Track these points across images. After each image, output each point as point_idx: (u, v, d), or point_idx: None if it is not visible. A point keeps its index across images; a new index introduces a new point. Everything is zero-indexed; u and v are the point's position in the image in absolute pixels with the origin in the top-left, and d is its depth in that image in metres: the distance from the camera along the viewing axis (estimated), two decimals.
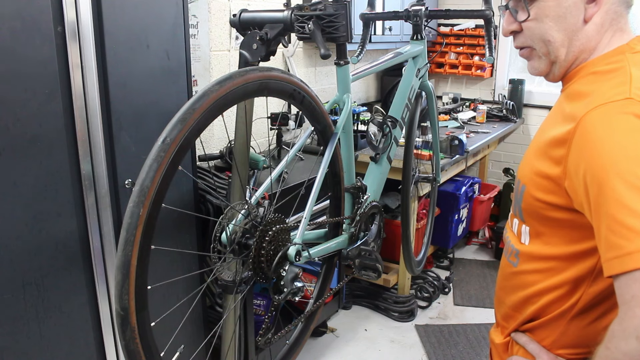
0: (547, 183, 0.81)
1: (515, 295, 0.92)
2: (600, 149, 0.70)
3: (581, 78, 0.84)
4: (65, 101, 1.26)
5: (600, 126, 0.71)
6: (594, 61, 0.84)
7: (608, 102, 0.73)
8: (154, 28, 1.44)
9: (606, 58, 0.82)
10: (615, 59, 0.81)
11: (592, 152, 0.71)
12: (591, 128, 0.72)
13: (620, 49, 0.82)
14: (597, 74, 0.81)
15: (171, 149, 0.85)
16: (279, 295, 1.13)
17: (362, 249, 1.48)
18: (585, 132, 0.73)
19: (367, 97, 3.72)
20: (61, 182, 1.28)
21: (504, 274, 0.97)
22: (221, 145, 2.38)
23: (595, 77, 0.81)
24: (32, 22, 1.16)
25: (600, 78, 0.80)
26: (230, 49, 2.41)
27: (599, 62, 0.83)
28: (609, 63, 0.81)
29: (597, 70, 0.82)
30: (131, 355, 0.87)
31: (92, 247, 1.38)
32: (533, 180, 0.85)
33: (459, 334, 2.71)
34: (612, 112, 0.71)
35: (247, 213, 1.11)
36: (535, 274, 0.88)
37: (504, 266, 0.97)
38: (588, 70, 0.83)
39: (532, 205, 0.86)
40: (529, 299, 0.89)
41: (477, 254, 3.72)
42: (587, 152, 0.72)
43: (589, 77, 0.82)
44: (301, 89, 1.17)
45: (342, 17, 1.27)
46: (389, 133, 1.63)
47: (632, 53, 0.81)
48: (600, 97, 0.75)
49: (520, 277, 0.91)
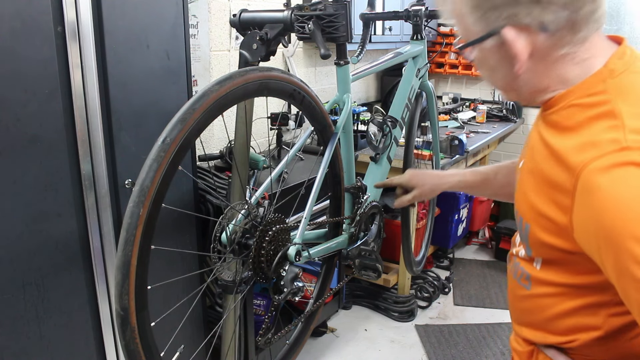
0: (554, 227, 0.75)
1: (534, 317, 0.89)
2: (608, 212, 0.65)
3: (562, 110, 0.77)
4: (65, 101, 1.26)
5: (603, 185, 0.66)
6: (572, 91, 0.76)
7: (605, 155, 0.67)
8: (154, 28, 1.44)
9: (585, 88, 0.75)
10: (596, 89, 0.74)
11: (600, 215, 0.66)
12: (594, 187, 0.67)
13: (600, 76, 0.74)
14: (579, 107, 0.75)
15: (171, 149, 0.85)
16: (279, 295, 1.13)
17: (362, 249, 1.48)
18: (588, 190, 0.67)
19: (367, 97, 3.72)
20: (61, 182, 1.28)
21: (516, 296, 0.92)
22: (221, 145, 2.38)
23: (578, 111, 0.75)
24: (32, 22, 1.16)
25: (584, 113, 0.73)
26: (230, 49, 2.41)
27: (578, 91, 0.76)
28: (591, 95, 0.74)
29: (578, 102, 0.75)
30: (131, 355, 0.87)
31: (92, 247, 1.38)
32: (537, 221, 0.79)
33: (459, 334, 2.71)
34: (612, 167, 0.66)
35: (247, 213, 1.11)
36: (551, 298, 0.84)
37: (514, 287, 0.92)
38: (568, 102, 0.76)
39: (541, 246, 0.80)
40: (549, 321, 0.86)
41: (477, 254, 3.72)
42: (594, 213, 0.67)
43: (571, 110, 0.76)
44: (301, 89, 1.17)
45: (342, 17, 1.27)
46: (389, 133, 1.63)
47: (613, 78, 0.73)
48: (594, 146, 0.69)
49: (535, 301, 0.87)
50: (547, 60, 0.76)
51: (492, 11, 0.73)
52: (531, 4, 0.70)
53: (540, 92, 0.80)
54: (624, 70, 0.74)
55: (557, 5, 0.70)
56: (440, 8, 0.80)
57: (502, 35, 0.73)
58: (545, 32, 0.73)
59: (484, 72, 0.84)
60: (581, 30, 0.73)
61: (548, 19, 0.71)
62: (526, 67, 0.76)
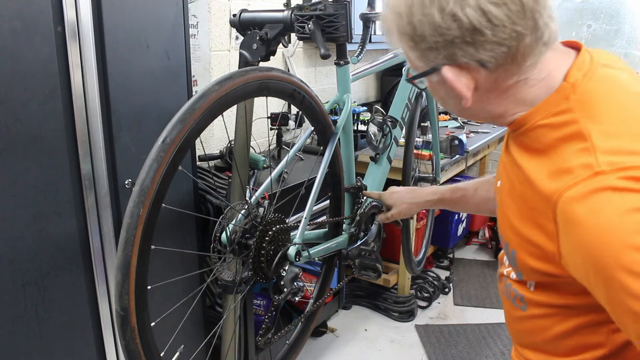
0: (541, 253, 0.73)
1: (534, 339, 0.86)
2: (592, 244, 0.63)
3: (529, 131, 0.74)
4: (65, 101, 1.26)
5: (581, 215, 0.63)
6: (536, 112, 0.73)
7: (579, 182, 0.64)
8: (154, 28, 1.44)
9: (549, 107, 0.72)
10: (561, 108, 0.71)
11: (585, 247, 0.64)
12: (573, 218, 0.64)
13: (563, 92, 0.71)
14: (546, 127, 0.72)
15: (171, 149, 0.85)
16: (279, 295, 1.13)
17: (362, 249, 1.48)
18: (568, 221, 0.65)
19: (367, 97, 3.72)
20: (61, 182, 1.28)
21: (513, 317, 0.89)
22: (221, 145, 2.38)
23: (546, 132, 0.72)
24: (32, 22, 1.16)
25: (552, 134, 0.71)
26: (230, 49, 2.41)
27: (542, 112, 0.73)
28: (556, 114, 0.71)
29: (545, 123, 0.72)
30: (131, 355, 0.87)
31: (92, 247, 1.38)
32: (524, 247, 0.76)
33: (459, 334, 2.71)
34: (588, 194, 0.63)
35: (247, 213, 1.11)
36: (548, 319, 0.81)
37: (510, 309, 0.89)
38: (533, 123, 0.73)
39: (531, 271, 0.78)
40: (550, 343, 0.83)
41: (477, 254, 3.72)
42: (579, 245, 0.65)
43: (538, 131, 0.73)
44: (301, 89, 1.17)
45: (342, 17, 1.27)
46: (389, 133, 1.63)
47: (576, 94, 0.70)
48: (567, 172, 0.66)
49: (533, 322, 0.84)
50: (497, 91, 0.74)
51: (429, 51, 0.71)
52: (465, 44, 0.68)
53: (498, 117, 0.78)
54: (587, 82, 0.71)
55: (492, 43, 0.67)
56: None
57: (442, 74, 0.72)
58: (486, 69, 0.70)
59: (438, 101, 0.83)
60: (527, 61, 0.70)
61: (486, 57, 0.68)
62: (475, 99, 0.74)
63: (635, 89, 0.73)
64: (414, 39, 0.71)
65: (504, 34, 0.66)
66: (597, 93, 0.70)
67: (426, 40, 0.70)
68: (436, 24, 0.68)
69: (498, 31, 0.66)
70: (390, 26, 0.75)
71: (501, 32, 0.66)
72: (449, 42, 0.69)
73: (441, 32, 0.68)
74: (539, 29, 0.67)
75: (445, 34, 0.68)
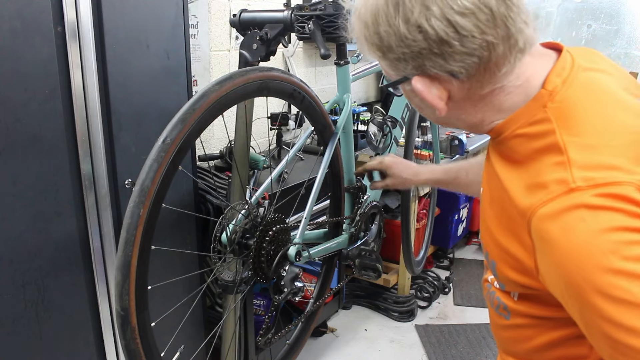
0: (519, 266, 0.70)
1: (517, 347, 0.84)
2: (564, 264, 0.60)
3: (507, 140, 0.72)
4: (65, 101, 1.26)
5: (554, 234, 0.61)
6: (513, 120, 0.71)
7: (553, 199, 0.62)
8: (154, 28, 1.44)
9: (526, 115, 0.69)
10: (538, 117, 0.68)
11: (558, 267, 0.62)
12: (546, 236, 0.62)
13: (540, 100, 0.68)
14: (523, 137, 0.69)
15: (171, 149, 0.85)
16: (279, 296, 1.13)
17: (362, 249, 1.48)
18: (541, 239, 0.63)
19: (367, 97, 3.72)
20: (61, 182, 1.28)
21: (497, 324, 0.87)
22: (221, 145, 2.37)
23: (523, 142, 0.69)
24: (32, 22, 1.16)
25: (530, 144, 0.68)
26: (230, 49, 2.41)
27: (519, 120, 0.70)
28: (533, 123, 0.68)
29: (522, 132, 0.69)
30: (132, 355, 0.87)
31: (92, 247, 1.37)
32: (502, 258, 0.74)
33: (459, 334, 2.71)
34: (561, 212, 0.61)
35: (247, 213, 1.11)
36: (532, 329, 0.79)
37: (494, 316, 0.87)
38: (511, 131, 0.71)
39: (511, 282, 0.75)
40: (534, 352, 0.81)
41: (477, 254, 3.72)
42: (553, 264, 0.63)
43: (516, 141, 0.70)
44: (301, 89, 1.17)
45: (342, 17, 1.27)
46: (389, 133, 1.63)
47: (554, 102, 0.67)
48: (541, 187, 0.64)
49: (516, 331, 0.82)
50: (472, 100, 0.71)
51: (397, 61, 0.69)
52: (433, 55, 0.65)
53: (475, 125, 0.75)
54: (566, 89, 0.68)
55: (461, 54, 0.64)
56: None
57: (412, 84, 0.69)
58: (457, 79, 0.67)
59: (415, 107, 0.80)
60: (501, 69, 0.66)
61: (456, 67, 0.65)
62: (450, 107, 0.72)
63: (618, 94, 0.69)
64: (382, 49, 0.69)
65: (474, 44, 0.63)
66: (576, 101, 0.67)
67: (393, 51, 0.68)
68: (402, 35, 0.65)
69: (467, 42, 0.63)
70: (359, 35, 0.72)
71: (470, 43, 0.63)
72: (416, 53, 0.66)
73: (407, 43, 0.65)
74: (511, 36, 0.64)
75: (412, 45, 0.65)
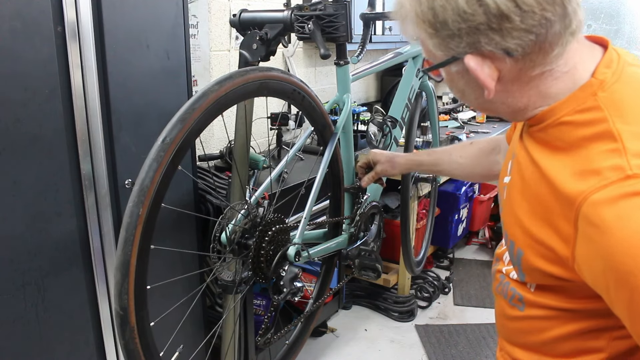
0: (553, 256, 0.69)
1: (528, 339, 0.83)
2: (618, 252, 0.59)
3: (550, 127, 0.71)
4: (65, 101, 1.26)
5: (609, 220, 0.59)
6: (558, 107, 0.69)
7: (608, 185, 0.60)
8: (154, 28, 1.44)
9: (574, 103, 0.68)
10: (588, 105, 0.67)
11: (609, 255, 0.60)
12: (599, 222, 0.60)
13: (590, 89, 0.67)
14: (570, 124, 0.68)
15: (171, 149, 0.85)
16: (279, 295, 1.13)
17: (362, 249, 1.48)
18: (593, 225, 0.61)
19: (367, 97, 3.72)
20: (61, 182, 1.28)
21: (507, 315, 0.85)
22: (221, 145, 2.38)
23: (570, 129, 0.68)
24: (32, 22, 1.16)
25: (577, 132, 0.67)
26: (230, 49, 2.41)
27: (566, 107, 0.69)
28: (582, 111, 0.67)
29: (569, 120, 0.68)
30: (130, 354, 0.87)
31: (92, 247, 1.38)
32: (532, 247, 0.72)
33: (459, 334, 2.71)
34: (617, 199, 0.59)
35: (246, 213, 1.11)
36: (548, 320, 0.78)
37: (505, 307, 0.85)
38: (556, 119, 0.70)
39: (537, 272, 0.74)
40: (546, 344, 0.80)
41: (477, 254, 3.72)
42: (602, 252, 0.61)
43: (561, 128, 0.69)
44: (301, 89, 1.17)
45: (342, 17, 1.27)
46: (389, 133, 1.63)
47: (605, 91, 0.67)
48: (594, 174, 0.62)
49: (530, 322, 0.81)
50: (520, 81, 0.70)
51: (450, 38, 0.67)
52: (491, 31, 0.64)
53: (520, 110, 0.74)
54: (615, 80, 0.67)
55: (519, 30, 0.63)
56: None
57: (464, 62, 0.68)
58: (511, 57, 0.66)
59: (456, 94, 0.78)
60: (553, 50, 0.66)
61: (512, 45, 0.64)
62: (497, 90, 0.70)
63: None
64: (435, 25, 0.67)
65: (533, 21, 0.62)
66: (625, 93, 0.67)
67: (448, 26, 0.66)
68: (460, 9, 0.63)
69: (527, 17, 0.62)
70: (407, 12, 0.70)
71: (530, 19, 0.62)
72: (473, 28, 0.64)
73: (465, 17, 0.64)
74: (567, 16, 0.64)
75: (470, 20, 0.63)
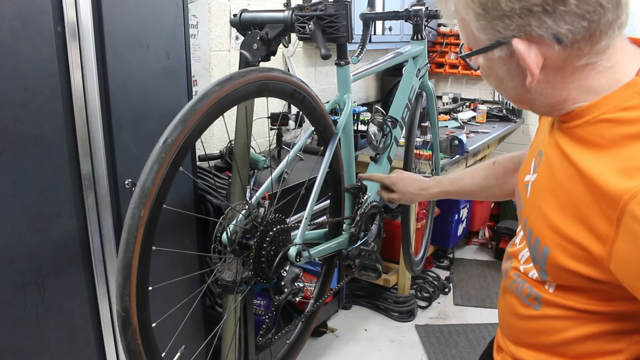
0: (583, 254, 0.67)
1: (540, 339, 0.81)
2: None
3: (589, 125, 0.68)
4: (65, 101, 1.26)
5: None
6: (599, 104, 0.68)
7: None
8: (154, 28, 1.43)
9: (617, 101, 0.66)
10: (631, 103, 0.65)
11: None
12: None
13: (635, 87, 0.66)
14: (611, 122, 0.66)
15: (172, 150, 0.85)
16: (280, 296, 1.13)
17: (362, 249, 1.48)
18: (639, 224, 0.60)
19: (367, 97, 3.72)
20: (61, 182, 1.28)
21: (518, 315, 0.83)
22: (221, 145, 2.37)
23: (610, 127, 0.66)
24: (32, 22, 1.16)
25: (619, 130, 0.65)
26: (230, 49, 2.41)
27: (607, 104, 0.67)
28: (626, 109, 0.65)
29: (610, 117, 0.66)
30: (132, 355, 0.87)
31: (92, 247, 1.37)
32: (561, 246, 0.70)
33: (459, 334, 2.71)
34: None
35: (247, 213, 1.11)
36: (565, 321, 0.76)
37: (517, 305, 0.83)
38: (595, 116, 0.68)
39: (563, 272, 0.72)
40: (560, 345, 0.78)
41: (477, 254, 3.72)
42: None
43: (601, 125, 0.67)
44: (301, 89, 1.17)
45: (343, 17, 1.27)
46: (389, 133, 1.63)
47: None
48: None
49: (544, 322, 0.79)
50: (564, 72, 0.68)
51: (499, 20, 0.64)
52: (544, 13, 0.61)
53: (558, 104, 0.71)
54: None
55: (574, 15, 0.61)
56: (442, 10, 0.72)
57: (512, 46, 0.65)
58: (560, 44, 0.64)
59: (492, 82, 0.75)
60: (602, 40, 0.64)
61: (564, 30, 0.62)
62: (539, 79, 0.68)
63: None
64: (485, 5, 0.64)
65: (589, 6, 0.60)
66: None
67: (500, 7, 0.63)
68: None
69: (583, 2, 0.60)
70: None
71: (586, 4, 0.60)
72: (526, 10, 0.62)
73: None
74: (620, 5, 0.62)
75: (524, 0, 0.62)
